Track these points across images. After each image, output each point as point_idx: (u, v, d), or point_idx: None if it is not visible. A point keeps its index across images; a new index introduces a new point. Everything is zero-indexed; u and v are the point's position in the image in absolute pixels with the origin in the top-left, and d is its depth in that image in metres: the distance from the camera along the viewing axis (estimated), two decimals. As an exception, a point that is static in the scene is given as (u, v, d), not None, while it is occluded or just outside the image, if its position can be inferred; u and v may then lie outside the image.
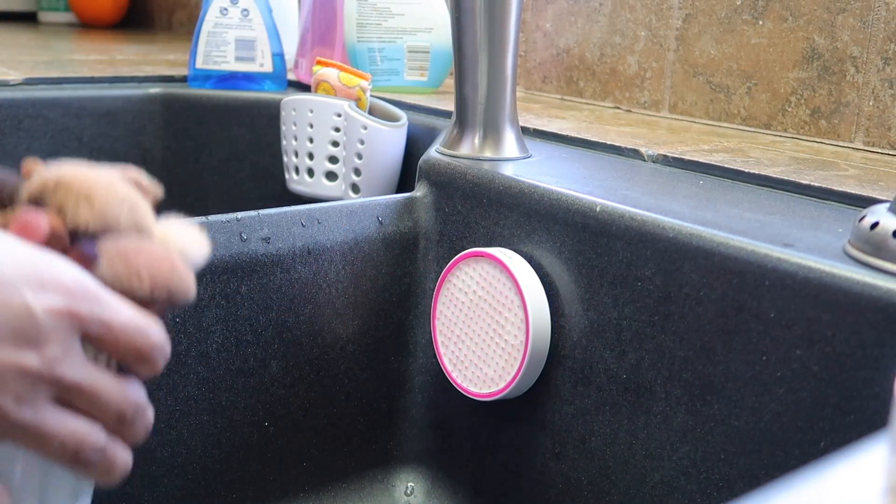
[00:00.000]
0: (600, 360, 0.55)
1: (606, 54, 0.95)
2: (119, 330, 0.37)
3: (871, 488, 0.23)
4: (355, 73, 0.82)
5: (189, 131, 1.00)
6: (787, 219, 0.52)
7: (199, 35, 1.00)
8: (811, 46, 0.78)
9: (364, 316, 0.65)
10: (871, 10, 0.73)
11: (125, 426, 0.38)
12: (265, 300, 0.60)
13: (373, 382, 0.67)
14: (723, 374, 0.48)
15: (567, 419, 0.58)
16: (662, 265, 0.51)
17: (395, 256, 0.66)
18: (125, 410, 0.38)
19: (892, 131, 0.73)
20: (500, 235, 0.61)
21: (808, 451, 0.45)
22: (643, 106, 0.92)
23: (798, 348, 0.45)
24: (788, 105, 0.80)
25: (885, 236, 0.43)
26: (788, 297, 0.45)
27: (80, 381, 0.36)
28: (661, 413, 0.52)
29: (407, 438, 0.69)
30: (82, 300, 0.36)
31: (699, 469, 0.50)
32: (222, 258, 0.57)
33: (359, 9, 0.96)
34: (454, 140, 0.68)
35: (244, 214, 0.59)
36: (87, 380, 0.36)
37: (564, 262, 0.57)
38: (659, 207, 0.54)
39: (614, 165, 0.67)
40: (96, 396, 0.37)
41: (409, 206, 0.67)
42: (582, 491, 0.57)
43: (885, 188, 0.59)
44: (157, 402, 0.56)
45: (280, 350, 0.61)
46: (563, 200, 0.57)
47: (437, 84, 1.00)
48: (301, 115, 0.81)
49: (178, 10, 1.77)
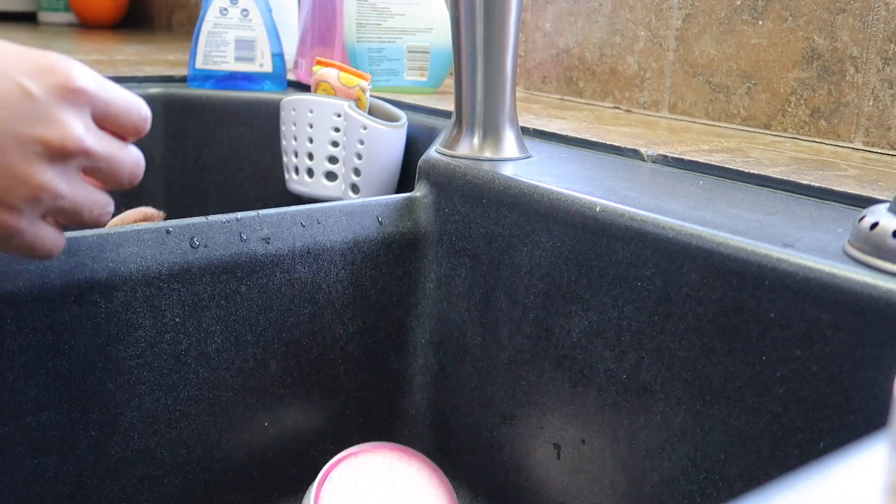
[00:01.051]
0: (600, 360, 0.55)
1: (606, 54, 0.95)
2: (118, 104, 0.44)
3: (871, 488, 0.23)
4: (355, 74, 0.82)
5: (189, 131, 1.00)
6: (787, 219, 0.52)
7: (198, 35, 1.00)
8: (811, 46, 0.78)
9: (364, 316, 0.65)
10: (871, 10, 0.73)
11: (133, 183, 0.46)
12: (265, 300, 0.60)
13: (373, 382, 0.67)
14: (723, 374, 0.48)
15: (567, 419, 0.58)
16: (662, 265, 0.51)
17: (394, 256, 0.66)
18: (137, 171, 0.46)
19: (891, 131, 0.73)
20: (500, 235, 0.61)
21: (808, 451, 0.45)
22: (643, 106, 0.92)
23: (798, 348, 0.45)
24: (788, 105, 0.80)
25: (885, 236, 0.44)
26: (788, 297, 0.45)
27: (103, 151, 0.43)
28: (661, 413, 0.52)
29: (407, 438, 0.69)
30: (82, 78, 0.41)
31: (699, 469, 0.50)
32: (222, 258, 0.57)
33: (358, 9, 0.96)
34: (454, 140, 0.68)
35: (244, 214, 0.59)
36: (107, 148, 0.43)
37: (564, 261, 0.57)
38: (659, 207, 0.54)
39: (614, 165, 0.67)
40: (116, 162, 0.44)
41: (409, 207, 0.67)
42: (582, 491, 0.57)
43: (884, 188, 0.59)
44: (157, 402, 0.56)
45: (280, 350, 0.61)
46: (562, 200, 0.57)
47: (437, 84, 1.00)
48: (301, 116, 0.81)
49: (177, 10, 1.77)
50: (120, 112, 0.44)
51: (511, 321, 0.61)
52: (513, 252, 0.61)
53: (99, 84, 0.43)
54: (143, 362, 0.55)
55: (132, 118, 0.45)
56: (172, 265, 0.55)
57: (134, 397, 0.55)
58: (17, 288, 0.50)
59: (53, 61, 0.41)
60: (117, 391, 0.54)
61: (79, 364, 0.52)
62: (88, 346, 0.53)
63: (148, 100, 0.99)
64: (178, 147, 1.01)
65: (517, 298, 0.60)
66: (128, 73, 1.04)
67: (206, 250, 0.57)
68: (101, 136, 0.43)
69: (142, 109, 0.45)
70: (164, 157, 1.01)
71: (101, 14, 1.79)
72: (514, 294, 0.61)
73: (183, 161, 1.01)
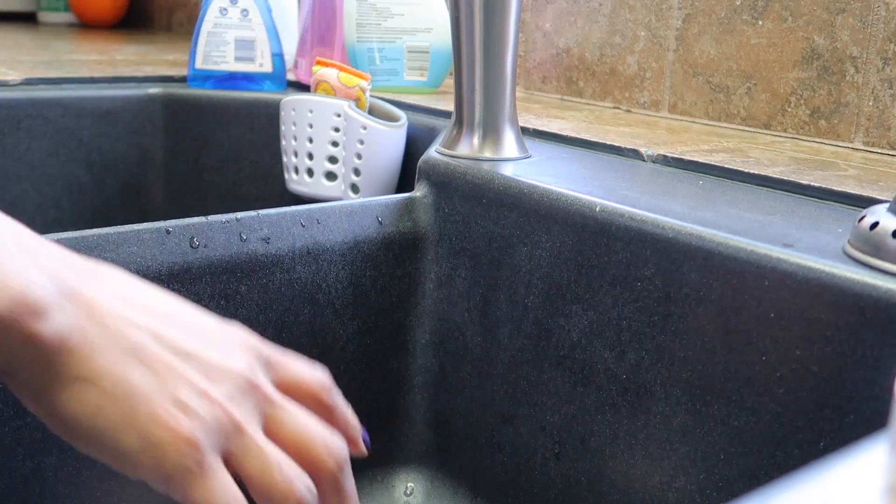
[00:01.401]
0: (600, 360, 0.55)
1: (606, 54, 0.95)
2: (299, 375, 0.38)
3: (871, 488, 0.23)
4: (355, 74, 0.82)
5: (189, 131, 1.00)
6: (787, 219, 0.52)
7: (198, 35, 1.00)
8: (811, 46, 0.78)
9: (364, 316, 0.65)
10: (871, 11, 0.73)
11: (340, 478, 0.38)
12: (265, 300, 0.60)
13: (373, 382, 0.67)
14: (723, 374, 0.48)
15: (567, 419, 0.58)
16: (662, 265, 0.51)
17: (394, 257, 0.66)
18: (341, 462, 0.38)
19: (891, 131, 0.73)
20: (500, 235, 0.61)
21: (808, 451, 0.45)
22: (643, 106, 0.92)
23: (798, 348, 0.45)
24: (788, 105, 0.80)
25: (885, 236, 0.43)
26: (788, 297, 0.45)
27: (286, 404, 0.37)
28: (660, 413, 0.52)
29: (407, 438, 0.69)
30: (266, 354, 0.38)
31: (699, 469, 0.50)
32: (222, 258, 0.57)
33: (358, 9, 0.96)
34: (454, 140, 0.68)
35: (244, 214, 0.59)
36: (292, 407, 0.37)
37: (564, 262, 0.57)
38: (658, 207, 0.54)
39: (614, 165, 0.67)
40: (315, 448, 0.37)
41: (409, 207, 0.67)
42: (582, 491, 0.57)
43: (884, 188, 0.59)
44: (157, 402, 0.56)
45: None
46: (562, 200, 0.57)
47: (437, 84, 1.00)
48: (300, 116, 0.81)
49: (177, 11, 1.77)
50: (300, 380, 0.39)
51: (511, 321, 0.61)
52: (513, 252, 0.61)
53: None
54: (142, 362, 0.55)
55: (311, 388, 0.39)
56: (172, 265, 0.55)
57: (134, 397, 0.55)
58: (17, 288, 0.50)
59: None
60: (117, 391, 0.54)
61: (79, 364, 0.52)
62: (88, 346, 0.53)
63: (148, 100, 0.99)
64: (178, 147, 1.01)
65: (517, 298, 0.60)
66: (128, 73, 1.04)
67: (205, 250, 0.57)
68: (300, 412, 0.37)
69: (324, 378, 0.40)
70: (164, 157, 1.01)
71: (101, 14, 1.79)
72: (514, 294, 0.61)
73: (183, 161, 1.01)
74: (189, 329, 0.35)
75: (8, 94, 0.91)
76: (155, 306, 0.35)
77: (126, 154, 0.99)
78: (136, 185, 1.00)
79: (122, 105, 0.98)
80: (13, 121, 0.92)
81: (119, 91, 0.98)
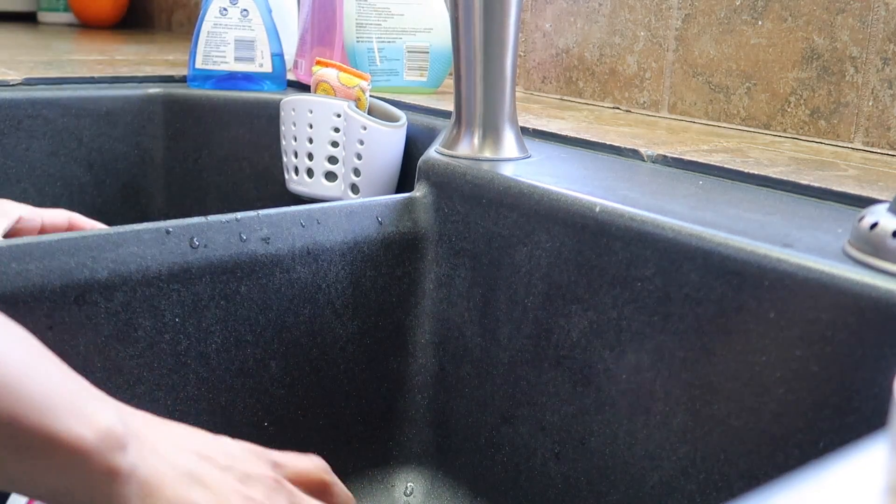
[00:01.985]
0: (600, 360, 0.55)
1: (606, 54, 0.95)
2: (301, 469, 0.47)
3: (871, 488, 0.23)
4: (355, 74, 0.82)
5: (189, 131, 1.00)
6: (787, 219, 0.52)
7: (198, 35, 1.00)
8: (810, 46, 0.78)
9: (364, 316, 0.65)
10: (871, 11, 0.73)
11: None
12: (265, 300, 0.60)
13: (372, 382, 0.67)
14: (723, 374, 0.48)
15: (567, 419, 0.58)
16: (662, 265, 0.51)
17: (394, 257, 0.66)
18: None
19: (891, 131, 0.73)
20: (500, 235, 0.61)
21: (808, 451, 0.45)
22: (642, 106, 0.92)
23: (798, 348, 0.45)
24: (788, 105, 0.80)
25: (885, 236, 0.44)
26: (788, 297, 0.45)
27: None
28: (660, 413, 0.52)
29: (407, 438, 0.69)
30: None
31: (699, 469, 0.50)
32: (222, 258, 0.57)
33: (358, 9, 0.96)
34: (453, 140, 0.68)
35: (244, 214, 0.59)
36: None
37: (564, 262, 0.57)
38: (658, 207, 0.54)
39: (613, 166, 0.67)
40: None
41: (409, 207, 0.67)
42: (582, 491, 0.57)
43: (884, 188, 0.59)
44: (157, 402, 0.56)
45: (280, 350, 0.61)
46: (562, 200, 0.57)
47: (437, 84, 1.00)
48: (300, 116, 0.81)
49: (177, 11, 1.77)
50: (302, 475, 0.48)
51: (511, 321, 0.61)
52: (513, 252, 0.61)
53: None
54: (143, 362, 0.55)
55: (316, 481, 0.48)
56: (172, 265, 0.55)
57: (134, 397, 0.55)
58: (17, 288, 0.50)
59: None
60: (117, 391, 0.54)
61: (79, 364, 0.52)
62: (88, 346, 0.53)
63: (147, 100, 1.00)
64: (178, 147, 1.01)
65: (517, 298, 0.60)
66: (128, 73, 1.04)
67: (205, 250, 0.57)
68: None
69: (328, 472, 0.49)
70: (164, 157, 1.01)
71: (101, 14, 1.79)
72: (514, 294, 0.61)
73: (183, 161, 1.01)
74: (218, 450, 0.44)
75: (8, 94, 0.91)
76: (185, 435, 0.43)
77: (126, 154, 0.99)
78: (136, 185, 1.00)
79: (121, 105, 0.98)
80: (13, 121, 0.92)
81: (119, 91, 0.98)
